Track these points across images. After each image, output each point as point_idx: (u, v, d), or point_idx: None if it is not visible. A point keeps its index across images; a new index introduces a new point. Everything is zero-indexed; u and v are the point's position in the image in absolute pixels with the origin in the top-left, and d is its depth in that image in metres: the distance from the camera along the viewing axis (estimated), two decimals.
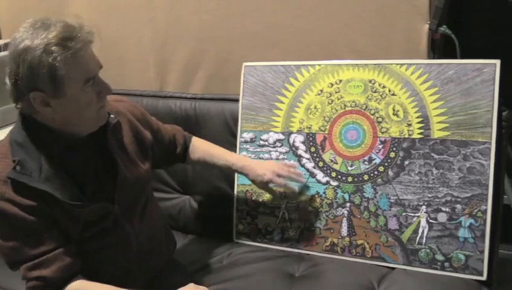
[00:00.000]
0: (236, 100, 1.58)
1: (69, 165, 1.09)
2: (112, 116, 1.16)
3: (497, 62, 1.29)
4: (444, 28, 1.42)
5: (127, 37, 1.91)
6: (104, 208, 1.14)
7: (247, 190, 1.56)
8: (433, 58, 1.50)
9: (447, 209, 1.32)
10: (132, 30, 1.90)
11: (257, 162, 1.42)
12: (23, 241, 1.05)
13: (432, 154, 1.34)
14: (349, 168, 1.44)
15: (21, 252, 1.06)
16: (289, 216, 1.50)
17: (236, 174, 1.56)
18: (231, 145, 1.56)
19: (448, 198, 1.32)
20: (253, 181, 1.40)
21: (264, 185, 1.39)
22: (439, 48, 1.49)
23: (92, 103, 1.06)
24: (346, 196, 1.43)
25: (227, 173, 1.57)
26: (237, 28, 1.70)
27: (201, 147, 1.45)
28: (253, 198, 1.55)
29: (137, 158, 1.24)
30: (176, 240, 1.45)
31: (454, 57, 1.42)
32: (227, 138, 1.59)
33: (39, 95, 1.01)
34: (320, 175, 1.47)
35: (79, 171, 1.11)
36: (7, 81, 1.02)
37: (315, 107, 1.48)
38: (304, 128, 1.49)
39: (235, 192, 1.57)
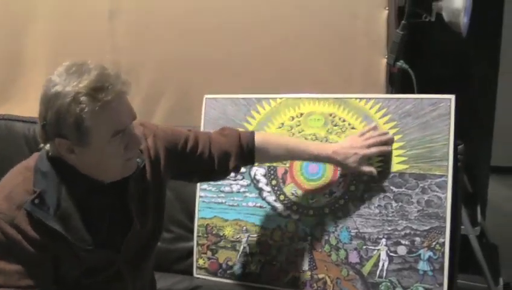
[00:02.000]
0: None
1: (87, 207, 1.06)
2: (138, 160, 1.10)
3: (452, 97, 1.32)
4: (401, 63, 1.45)
5: None
6: (109, 256, 1.11)
7: (207, 224, 1.54)
8: (392, 91, 1.53)
9: (407, 242, 1.33)
10: (92, 58, 1.86)
11: (340, 146, 1.32)
12: (14, 268, 1.02)
13: (391, 187, 1.35)
14: (310, 201, 1.43)
15: (8, 278, 1.02)
16: (250, 250, 1.48)
17: (196, 208, 1.54)
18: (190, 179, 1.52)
19: (408, 231, 1.33)
20: (346, 169, 1.33)
21: (359, 167, 1.31)
22: (397, 81, 1.52)
23: (118, 154, 1.03)
24: (307, 230, 1.43)
25: (188, 206, 1.55)
26: (199, 57, 1.70)
27: (272, 145, 1.32)
28: (214, 232, 1.53)
29: (155, 208, 1.19)
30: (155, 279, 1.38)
31: (413, 91, 1.45)
32: None
33: (64, 142, 1.00)
34: (281, 208, 1.46)
35: (95, 215, 1.07)
36: (38, 121, 1.01)
37: None
38: None
39: (196, 226, 1.55)
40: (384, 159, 1.36)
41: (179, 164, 1.24)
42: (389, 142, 1.34)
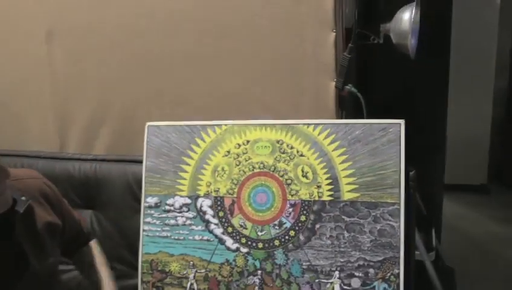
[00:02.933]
0: (140, 161, 1.48)
1: None
2: (23, 198, 1.03)
3: (402, 122, 1.29)
4: (349, 86, 1.41)
5: (24, 92, 1.78)
6: None
7: (152, 260, 1.44)
8: (342, 116, 1.49)
9: (360, 274, 1.28)
10: (30, 84, 1.78)
11: None
12: None
13: (343, 216, 1.30)
14: (259, 233, 1.37)
15: None
16: (198, 287, 1.40)
17: (140, 243, 1.45)
18: (135, 211, 1.47)
19: (361, 262, 1.28)
20: None
21: None
22: (347, 106, 1.48)
23: None
24: (257, 263, 1.36)
25: (132, 241, 1.47)
26: (143, 83, 1.63)
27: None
28: (159, 268, 1.44)
29: (49, 247, 1.12)
30: None
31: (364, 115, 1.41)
32: (130, 202, 1.51)
33: None
34: (229, 241, 1.39)
35: None
36: None
37: (222, 169, 1.42)
38: (211, 192, 1.42)
39: (140, 262, 1.45)
40: (334, 188, 1.31)
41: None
42: None
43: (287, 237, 1.34)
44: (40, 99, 1.76)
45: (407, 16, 1.38)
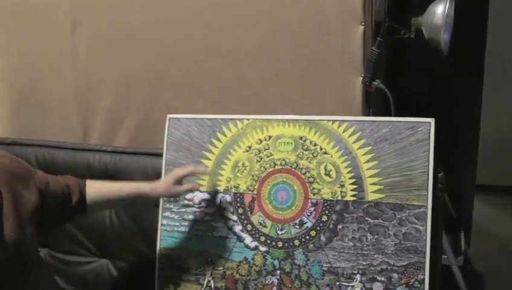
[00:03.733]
0: (160, 155, 1.47)
1: None
2: None
3: (432, 120, 1.23)
4: (377, 82, 1.35)
5: (48, 82, 1.78)
6: None
7: (169, 254, 1.43)
8: (369, 112, 1.43)
9: (383, 279, 1.23)
10: (54, 74, 1.77)
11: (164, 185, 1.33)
12: None
13: (366, 218, 1.26)
14: (279, 232, 1.34)
15: None
16: (215, 284, 1.38)
17: (158, 237, 1.44)
18: (153, 205, 1.45)
19: (384, 266, 1.23)
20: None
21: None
22: (375, 102, 1.42)
23: None
24: (276, 263, 1.33)
25: (149, 235, 1.46)
26: (164, 74, 1.60)
27: (98, 188, 1.28)
28: (177, 264, 1.42)
29: (18, 227, 1.07)
30: None
31: (391, 113, 1.36)
32: None
33: None
34: (248, 239, 1.36)
35: None
36: None
37: (243, 165, 1.39)
38: (231, 188, 1.39)
39: (157, 257, 1.44)
40: (357, 187, 1.27)
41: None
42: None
43: (307, 237, 1.31)
44: (63, 90, 1.75)
45: (440, 10, 1.32)
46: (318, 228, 1.30)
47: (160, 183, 1.33)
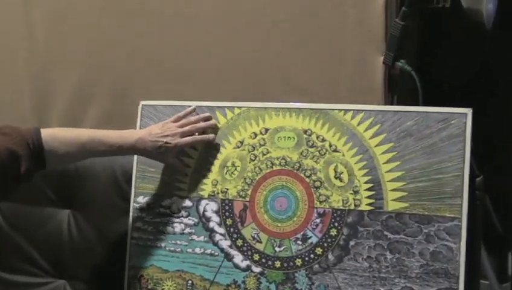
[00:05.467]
0: None
1: None
2: None
3: (469, 111, 1.23)
4: (402, 63, 1.36)
5: None
6: None
7: (141, 275, 1.45)
8: (391, 101, 1.44)
9: None
10: (3, 50, 1.81)
11: (148, 132, 1.38)
12: None
13: (386, 232, 1.27)
14: (277, 249, 1.35)
15: None
16: None
17: (127, 253, 1.47)
18: (121, 213, 1.49)
19: None
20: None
21: (168, 159, 1.40)
22: (398, 88, 1.43)
23: None
24: (273, 287, 1.34)
25: (116, 251, 1.48)
26: (139, 52, 1.63)
27: (62, 141, 1.31)
28: (150, 287, 1.44)
29: None
30: None
31: (418, 101, 1.36)
32: (116, 202, 1.52)
33: None
34: (238, 258, 1.38)
35: None
36: None
37: (233, 165, 1.40)
38: (218, 193, 1.41)
39: (126, 278, 1.47)
40: (375, 194, 1.28)
41: None
42: (208, 130, 1.41)
43: (312, 256, 1.32)
44: (14, 70, 1.79)
45: None
46: (325, 245, 1.31)
47: (139, 131, 1.38)
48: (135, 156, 1.47)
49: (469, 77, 1.60)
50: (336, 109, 1.33)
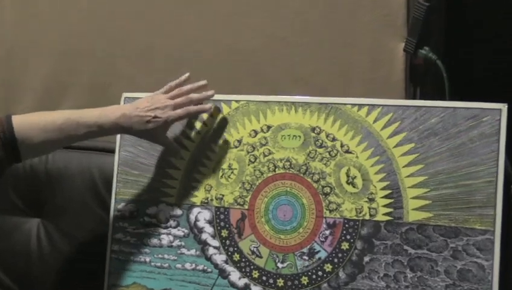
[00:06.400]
0: (111, 151, 1.51)
1: None
2: None
3: (504, 107, 1.23)
4: (426, 50, 1.37)
5: None
6: None
7: None
8: (413, 94, 1.45)
9: None
10: None
11: (134, 106, 1.35)
12: None
13: (406, 247, 1.26)
14: (280, 265, 1.35)
15: None
16: None
17: (107, 269, 1.46)
18: (99, 222, 1.50)
19: None
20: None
21: (161, 138, 1.38)
22: (421, 79, 1.44)
23: None
24: None
25: (93, 265, 1.48)
26: (123, 38, 1.65)
27: (36, 126, 1.28)
28: None
29: None
30: None
31: (444, 95, 1.38)
32: (93, 209, 1.54)
33: None
34: (235, 275, 1.38)
35: None
36: None
37: (230, 167, 1.40)
38: (211, 200, 1.41)
39: None
40: (393, 203, 1.27)
41: None
42: (203, 100, 1.39)
43: (320, 273, 1.32)
44: None
45: None
46: (336, 260, 1.31)
47: (123, 106, 1.37)
48: (116, 155, 1.47)
49: (503, 68, 1.60)
50: (349, 104, 1.33)
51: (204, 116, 1.44)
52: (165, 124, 1.34)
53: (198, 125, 1.44)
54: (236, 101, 1.41)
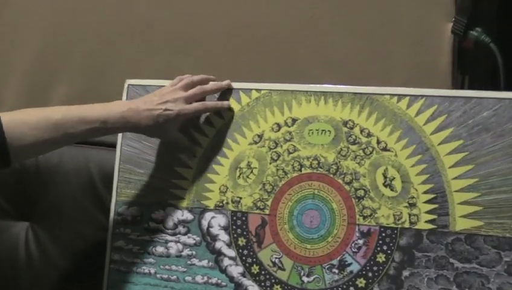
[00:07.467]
0: (112, 146, 1.52)
1: None
2: None
3: None
4: (477, 32, 1.37)
5: None
6: None
7: None
8: (462, 84, 1.45)
9: None
10: None
11: (143, 100, 1.37)
12: None
13: (452, 260, 1.27)
14: (306, 278, 1.35)
15: None
16: None
17: (104, 281, 1.47)
18: (97, 227, 1.52)
19: None
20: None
21: (174, 134, 1.41)
22: (472, 66, 1.45)
23: None
24: None
25: (90, 279, 1.50)
26: (123, 16, 1.66)
27: (30, 125, 1.27)
28: None
29: None
30: None
31: (498, 84, 1.38)
32: (90, 212, 1.56)
33: None
34: (253, 289, 1.39)
35: None
36: None
37: (248, 166, 1.41)
38: (227, 203, 1.42)
39: None
40: (438, 208, 1.28)
41: None
42: (218, 91, 1.43)
43: (352, 289, 1.32)
44: None
45: None
46: (370, 274, 1.31)
47: (130, 101, 1.38)
48: (117, 151, 1.48)
49: None
50: (387, 94, 1.33)
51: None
52: (177, 118, 1.35)
53: (212, 117, 1.44)
54: (257, 90, 1.42)
